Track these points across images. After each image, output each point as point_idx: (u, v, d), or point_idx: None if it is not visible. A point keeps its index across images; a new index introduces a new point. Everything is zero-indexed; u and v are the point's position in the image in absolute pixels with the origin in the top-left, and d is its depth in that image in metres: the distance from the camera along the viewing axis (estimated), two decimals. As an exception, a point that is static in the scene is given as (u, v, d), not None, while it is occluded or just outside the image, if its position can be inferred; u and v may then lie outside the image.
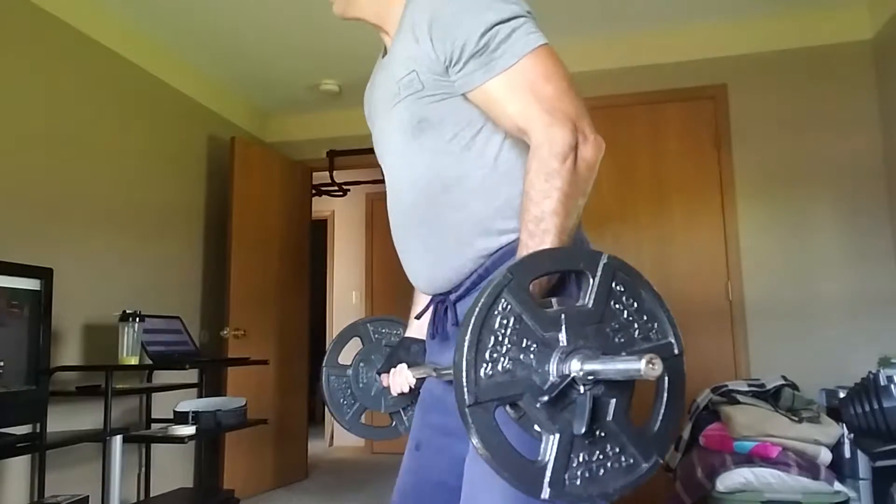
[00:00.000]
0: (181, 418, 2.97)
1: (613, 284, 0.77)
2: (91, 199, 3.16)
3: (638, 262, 3.50)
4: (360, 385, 1.37)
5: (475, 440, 0.66)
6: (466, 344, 0.67)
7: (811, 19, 3.43)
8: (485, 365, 0.67)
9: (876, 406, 2.03)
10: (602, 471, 0.72)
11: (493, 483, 0.93)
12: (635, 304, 0.78)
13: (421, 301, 1.30)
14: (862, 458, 2.42)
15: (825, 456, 2.46)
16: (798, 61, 3.44)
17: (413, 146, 1.07)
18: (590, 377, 0.69)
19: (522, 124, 0.96)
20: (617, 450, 0.73)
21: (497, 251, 1.04)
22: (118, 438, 2.62)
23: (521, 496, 0.90)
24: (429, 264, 1.11)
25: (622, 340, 0.76)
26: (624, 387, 0.74)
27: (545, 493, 0.67)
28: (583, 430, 0.69)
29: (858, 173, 3.29)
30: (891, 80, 3.19)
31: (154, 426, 3.29)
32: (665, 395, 0.78)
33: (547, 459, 0.69)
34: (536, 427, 0.70)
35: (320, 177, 4.99)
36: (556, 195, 0.91)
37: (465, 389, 0.66)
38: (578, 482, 0.70)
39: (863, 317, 3.18)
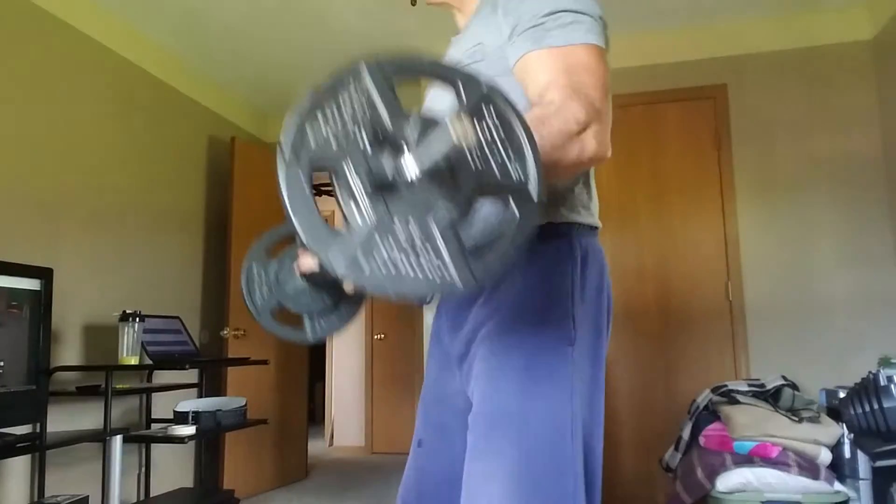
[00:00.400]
0: (181, 418, 2.97)
1: (485, 106, 0.71)
2: (91, 199, 3.16)
3: (638, 262, 3.53)
4: (278, 279, 1.29)
5: (284, 191, 0.63)
6: (307, 102, 0.64)
7: (811, 19, 3.44)
8: (316, 125, 0.64)
9: (876, 406, 2.04)
10: (409, 270, 0.64)
11: (492, 480, 0.94)
12: (503, 136, 0.71)
13: None
14: (862, 458, 2.42)
15: (825, 456, 2.46)
16: (798, 61, 3.44)
17: None
18: (414, 169, 0.64)
19: (544, 88, 0.94)
20: (430, 253, 0.66)
21: None
22: (118, 438, 2.62)
23: (520, 491, 0.92)
24: None
25: (477, 166, 0.69)
26: (461, 201, 0.68)
27: (338, 264, 0.62)
28: (385, 212, 0.64)
29: (858, 173, 3.29)
30: (891, 80, 3.19)
31: (154, 426, 3.29)
32: (512, 231, 0.70)
33: (350, 232, 0.64)
34: (349, 200, 0.66)
35: (320, 177, 4.97)
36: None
37: (288, 144, 0.63)
38: (377, 271, 0.63)
39: (863, 317, 3.18)
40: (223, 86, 4.33)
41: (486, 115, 0.71)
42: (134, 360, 2.87)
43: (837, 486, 2.39)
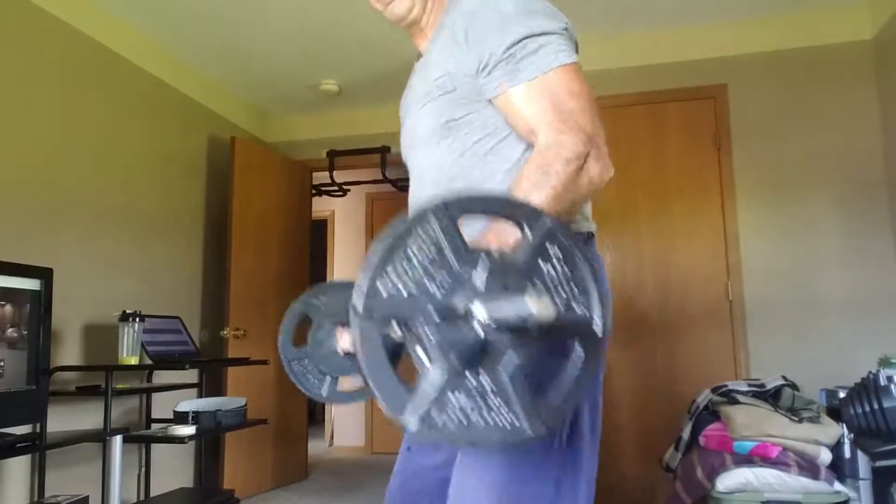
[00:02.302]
0: (181, 418, 2.97)
1: (549, 244, 0.73)
2: (91, 199, 3.16)
3: (638, 262, 3.53)
4: (325, 359, 1.33)
5: (359, 352, 0.64)
6: (377, 257, 0.65)
7: (811, 19, 3.43)
8: (389, 283, 0.65)
9: (876, 406, 2.04)
10: (480, 421, 0.67)
11: (479, 488, 0.95)
12: (567, 272, 0.74)
13: None
14: (862, 458, 2.42)
15: (825, 456, 2.46)
16: (798, 61, 3.44)
17: (441, 145, 1.09)
18: (491, 324, 0.66)
19: (534, 125, 0.97)
20: (501, 405, 0.68)
21: None
22: (118, 438, 2.62)
23: (508, 500, 0.92)
24: None
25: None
26: (530, 345, 0.70)
27: (411, 422, 0.65)
28: (455, 363, 0.65)
29: (858, 173, 3.29)
30: (891, 80, 3.19)
31: (154, 426, 3.29)
32: (578, 372, 0.74)
33: (426, 390, 0.66)
34: (421, 354, 0.67)
35: (320, 177, 4.99)
36: (547, 191, 0.89)
37: (360, 303, 0.64)
38: (450, 425, 0.66)
39: (863, 317, 3.18)
40: (223, 86, 4.33)
41: (552, 253, 0.73)
42: (134, 360, 2.87)
43: (837, 486, 2.39)
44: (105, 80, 3.30)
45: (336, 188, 5.08)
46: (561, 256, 0.73)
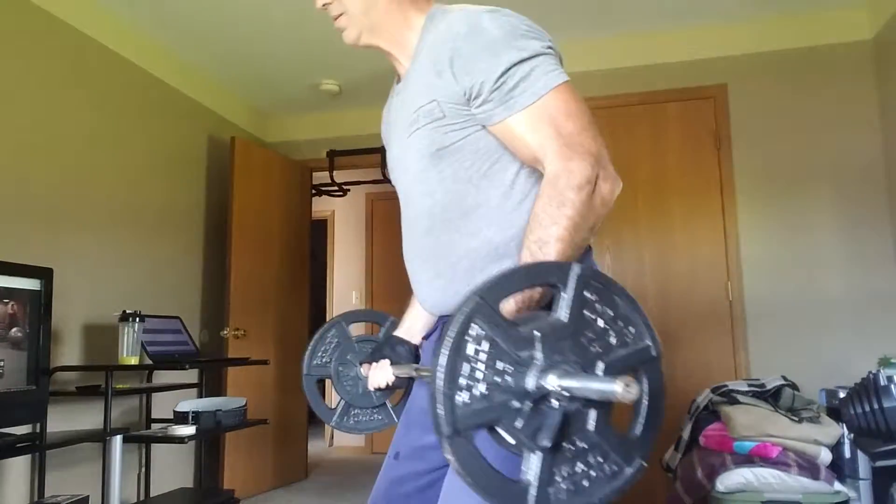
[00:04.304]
0: (181, 418, 2.97)
1: (586, 293, 0.76)
2: (91, 199, 3.16)
3: (638, 261, 3.52)
4: (345, 384, 1.37)
5: (457, 468, 0.66)
6: (440, 374, 0.66)
7: (811, 19, 3.44)
8: (460, 393, 0.66)
9: (876, 406, 2.03)
10: (586, 481, 0.72)
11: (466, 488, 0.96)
12: (610, 311, 0.77)
13: (416, 306, 1.31)
14: (862, 458, 2.42)
15: (825, 456, 2.46)
16: (798, 61, 3.44)
17: (432, 173, 1.08)
18: (565, 393, 0.69)
19: (541, 155, 0.96)
20: (600, 459, 0.74)
21: None
22: (118, 438, 2.62)
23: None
24: (438, 289, 1.12)
25: (599, 350, 0.75)
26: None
27: None
28: (548, 445, 0.69)
29: (858, 173, 3.29)
30: (891, 80, 3.19)
31: (154, 426, 3.29)
32: (646, 399, 0.78)
33: (529, 478, 0.69)
34: (513, 442, 0.71)
35: (320, 177, 4.98)
36: (565, 223, 0.90)
37: (444, 420, 0.65)
38: (563, 496, 0.70)
39: (863, 317, 3.18)
40: (223, 86, 4.33)
41: (594, 299, 0.76)
42: (134, 360, 2.87)
43: (837, 486, 2.39)
44: (105, 80, 3.30)
45: (336, 188, 5.08)
46: (599, 298, 0.76)
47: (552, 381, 0.68)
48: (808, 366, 3.17)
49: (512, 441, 0.70)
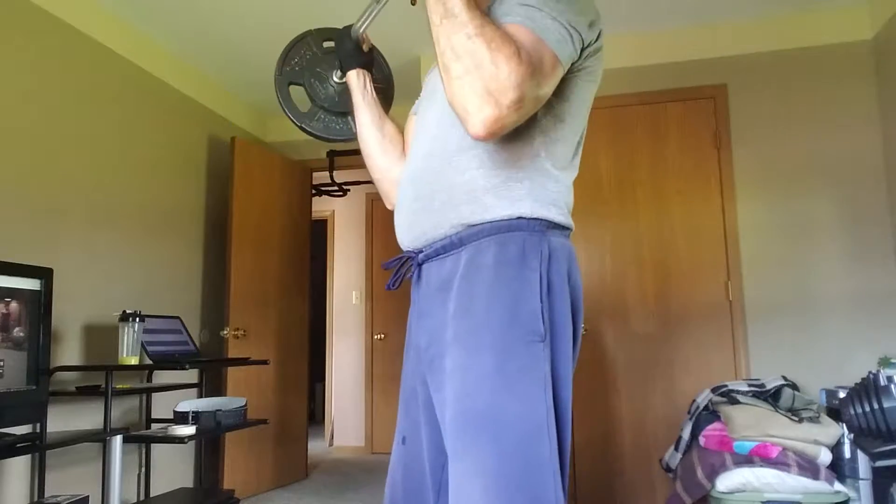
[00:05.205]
0: (181, 418, 2.97)
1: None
2: (91, 199, 3.16)
3: (638, 261, 3.53)
4: (323, 96, 1.51)
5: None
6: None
7: (811, 19, 3.44)
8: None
9: (876, 406, 2.03)
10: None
11: (473, 480, 0.96)
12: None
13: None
14: (862, 458, 2.42)
15: (825, 456, 2.46)
16: (798, 61, 3.44)
17: (451, 115, 1.09)
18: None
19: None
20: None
21: (476, 225, 1.07)
22: (118, 438, 2.62)
23: (499, 490, 0.93)
24: (413, 211, 1.15)
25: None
26: None
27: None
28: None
29: (858, 173, 3.29)
30: (891, 80, 3.19)
31: (154, 426, 3.29)
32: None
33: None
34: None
35: (320, 177, 4.99)
36: (472, 30, 0.92)
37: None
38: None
39: (863, 317, 3.18)
40: (223, 86, 4.33)
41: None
42: (134, 360, 2.87)
43: (837, 486, 2.39)
44: (105, 79, 3.30)
45: (336, 188, 5.08)
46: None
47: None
48: (808, 366, 3.17)
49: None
